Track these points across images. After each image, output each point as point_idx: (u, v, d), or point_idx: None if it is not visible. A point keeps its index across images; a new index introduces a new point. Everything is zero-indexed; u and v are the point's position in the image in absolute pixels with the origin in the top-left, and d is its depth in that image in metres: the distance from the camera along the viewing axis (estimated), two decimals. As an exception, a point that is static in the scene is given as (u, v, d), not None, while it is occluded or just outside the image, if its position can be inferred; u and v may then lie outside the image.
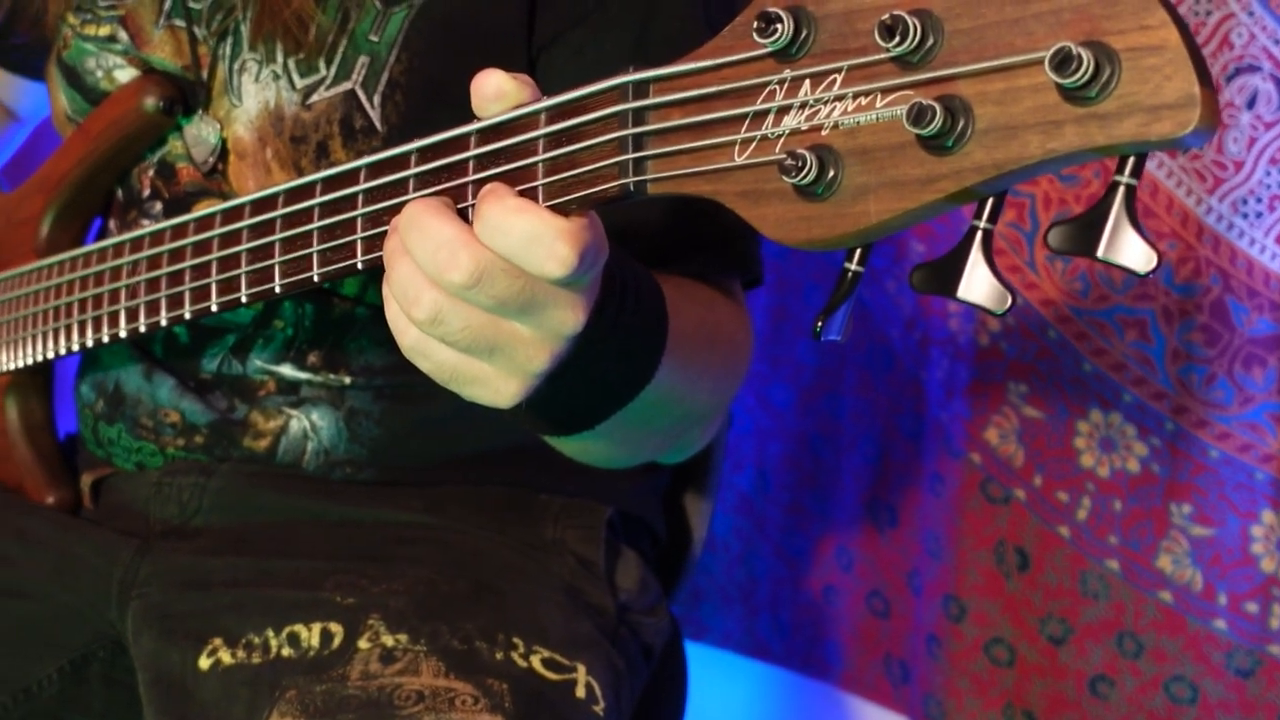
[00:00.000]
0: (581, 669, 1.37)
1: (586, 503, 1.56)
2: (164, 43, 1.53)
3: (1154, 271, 0.74)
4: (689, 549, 1.77)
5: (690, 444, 1.43)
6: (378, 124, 1.42)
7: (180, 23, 1.52)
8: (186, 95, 1.51)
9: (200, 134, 1.50)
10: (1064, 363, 1.97)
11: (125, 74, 1.56)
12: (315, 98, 1.44)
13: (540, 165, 0.95)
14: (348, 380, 1.52)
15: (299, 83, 1.45)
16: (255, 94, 1.47)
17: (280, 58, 1.46)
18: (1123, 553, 1.95)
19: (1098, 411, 1.96)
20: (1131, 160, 0.75)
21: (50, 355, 1.54)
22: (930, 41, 0.77)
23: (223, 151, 1.50)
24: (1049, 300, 1.97)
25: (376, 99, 1.42)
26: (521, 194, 0.96)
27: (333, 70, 1.44)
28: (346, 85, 1.43)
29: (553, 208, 0.95)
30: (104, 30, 1.56)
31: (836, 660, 2.31)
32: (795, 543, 2.36)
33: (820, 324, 0.86)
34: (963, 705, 2.12)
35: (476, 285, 0.94)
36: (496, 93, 0.99)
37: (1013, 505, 2.05)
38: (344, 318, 1.51)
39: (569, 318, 0.98)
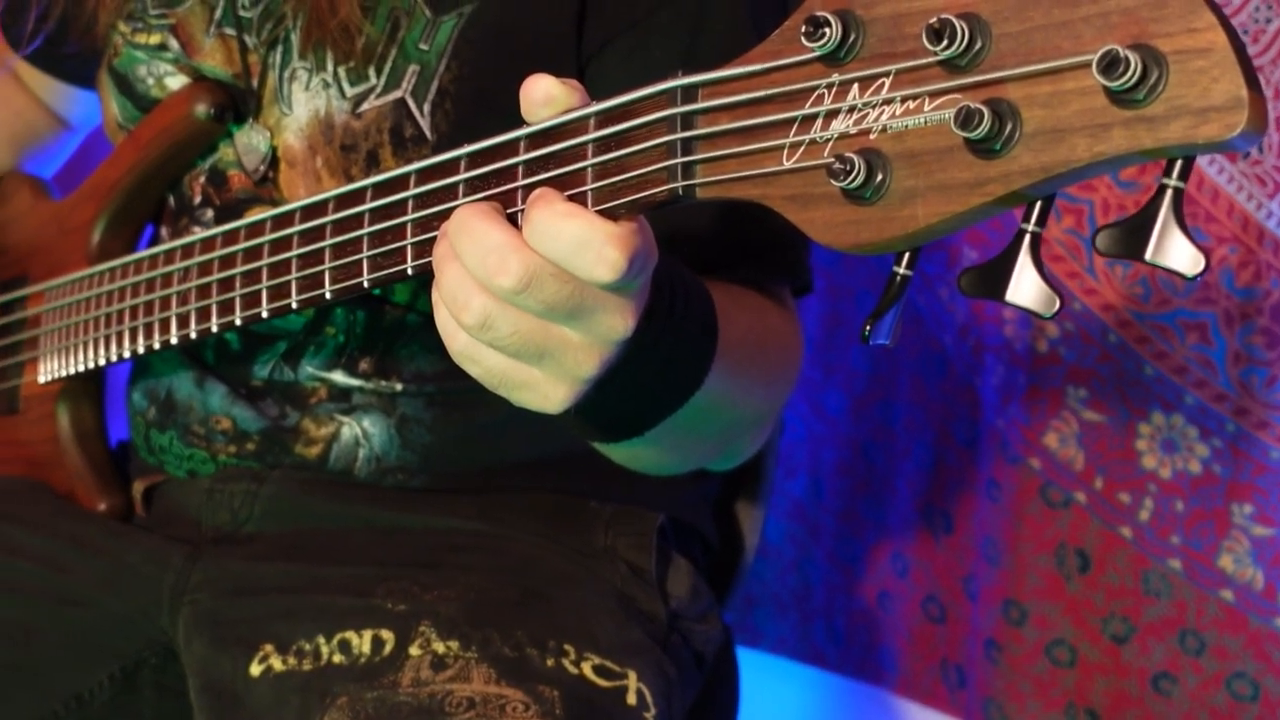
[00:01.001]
0: (632, 676, 1.37)
1: (638, 510, 1.57)
2: (214, 51, 1.55)
3: (1201, 274, 0.75)
4: (741, 556, 1.78)
5: (740, 451, 1.43)
6: (427, 132, 1.44)
7: (231, 31, 1.54)
8: (237, 102, 1.53)
9: (250, 142, 1.52)
10: (1125, 366, 1.98)
11: (176, 81, 1.57)
12: (365, 106, 1.46)
13: (589, 170, 0.96)
14: (399, 387, 1.53)
15: (349, 91, 1.47)
16: (305, 102, 1.49)
17: (330, 66, 1.47)
18: (1185, 552, 1.97)
19: (1159, 414, 1.97)
20: (1179, 163, 0.76)
21: (101, 362, 1.56)
22: (978, 45, 0.78)
23: (273, 160, 1.51)
24: (1109, 305, 1.98)
25: (426, 107, 1.44)
26: (571, 199, 0.97)
27: (382, 79, 1.45)
28: (396, 94, 1.45)
29: (602, 212, 0.96)
30: (155, 38, 1.58)
31: (891, 666, 2.32)
32: (849, 549, 2.37)
33: (869, 328, 0.87)
34: (1024, 707, 2.14)
35: (526, 290, 0.95)
36: (545, 98, 1.00)
37: (1073, 508, 2.06)
38: (395, 324, 1.53)
39: (618, 323, 0.99)
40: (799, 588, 2.43)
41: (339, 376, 1.54)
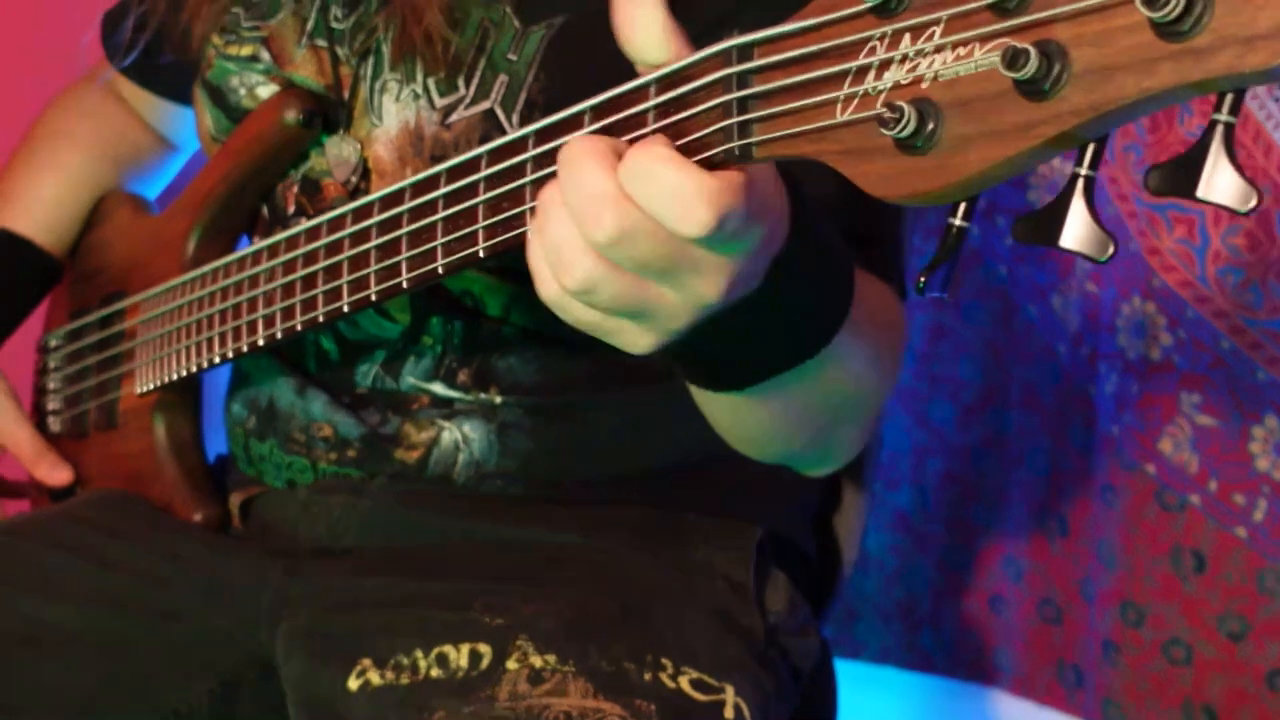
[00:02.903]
0: (730, 690, 1.37)
1: (736, 524, 1.57)
2: (306, 62, 1.58)
3: (1254, 209, 0.75)
4: (839, 571, 1.78)
5: (840, 448, 1.41)
6: None
7: (322, 42, 1.57)
8: (327, 111, 1.56)
9: (341, 154, 1.55)
10: (1238, 372, 1.99)
11: (267, 92, 1.61)
12: (454, 117, 1.48)
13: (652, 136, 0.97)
14: (498, 399, 1.55)
15: (438, 102, 1.49)
16: (396, 113, 1.52)
17: (420, 77, 1.50)
18: (1300, 551, 2.00)
19: (1272, 417, 1.98)
20: (1230, 97, 0.76)
21: (193, 369, 1.59)
22: None
23: (364, 171, 1.54)
24: (1221, 312, 2.00)
25: (515, 118, 1.46)
26: None
27: (471, 89, 1.48)
28: (485, 104, 1.47)
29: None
30: (247, 50, 1.62)
31: (1006, 666, 2.36)
32: (957, 556, 2.40)
33: (924, 279, 0.88)
34: (1143, 706, 2.15)
35: (618, 245, 0.93)
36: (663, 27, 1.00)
37: (1188, 511, 2.08)
38: (491, 336, 1.55)
39: (709, 289, 0.97)
40: (904, 598, 2.45)
41: (439, 387, 1.56)
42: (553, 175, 0.98)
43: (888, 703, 2.50)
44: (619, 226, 0.93)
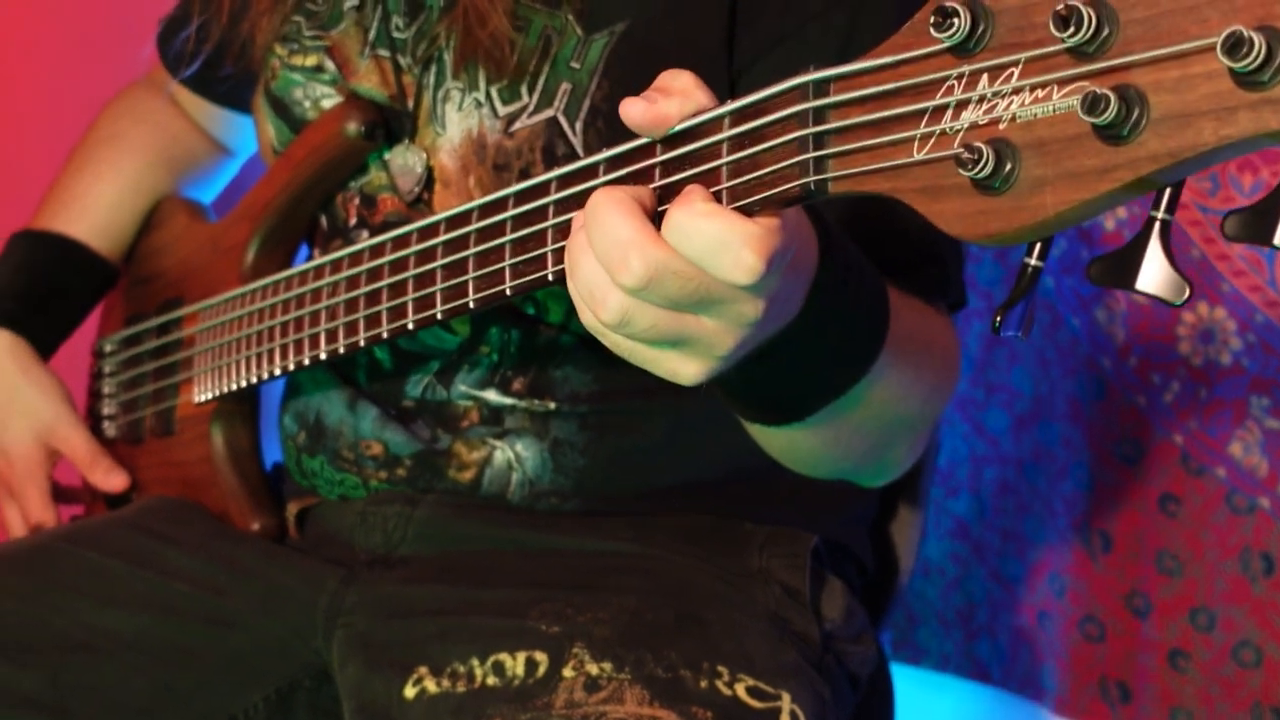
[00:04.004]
0: (786, 697, 1.38)
1: (792, 531, 1.59)
2: (369, 72, 1.60)
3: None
4: (896, 578, 1.80)
5: (894, 462, 1.43)
6: (580, 150, 1.47)
7: (385, 52, 1.58)
8: (391, 124, 1.57)
9: (406, 163, 1.57)
10: (1308, 375, 2.03)
11: (332, 103, 1.62)
12: (518, 125, 1.50)
13: (724, 168, 0.99)
14: (552, 406, 1.56)
15: (501, 110, 1.51)
16: (458, 122, 1.53)
17: (483, 85, 1.51)
18: (1367, 551, 2.03)
19: (1343, 420, 2.02)
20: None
21: (253, 380, 1.61)
22: (1105, 31, 0.80)
23: (428, 180, 1.56)
24: (1291, 317, 2.04)
25: (578, 125, 1.47)
26: None
27: (535, 97, 1.49)
28: (549, 112, 1.49)
29: (738, 209, 0.98)
30: (311, 60, 1.64)
31: (1050, 685, 2.37)
32: (1011, 568, 2.42)
33: (999, 319, 0.90)
34: (1214, 711, 2.18)
35: (646, 289, 0.97)
36: (683, 89, 1.02)
37: (1257, 514, 2.11)
38: (549, 345, 1.56)
39: (749, 310, 1.00)
40: (963, 606, 2.48)
41: (492, 395, 1.57)
42: None
43: (945, 712, 2.52)
44: (646, 273, 0.96)
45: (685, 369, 1.04)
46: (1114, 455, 2.25)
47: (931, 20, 0.86)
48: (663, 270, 0.96)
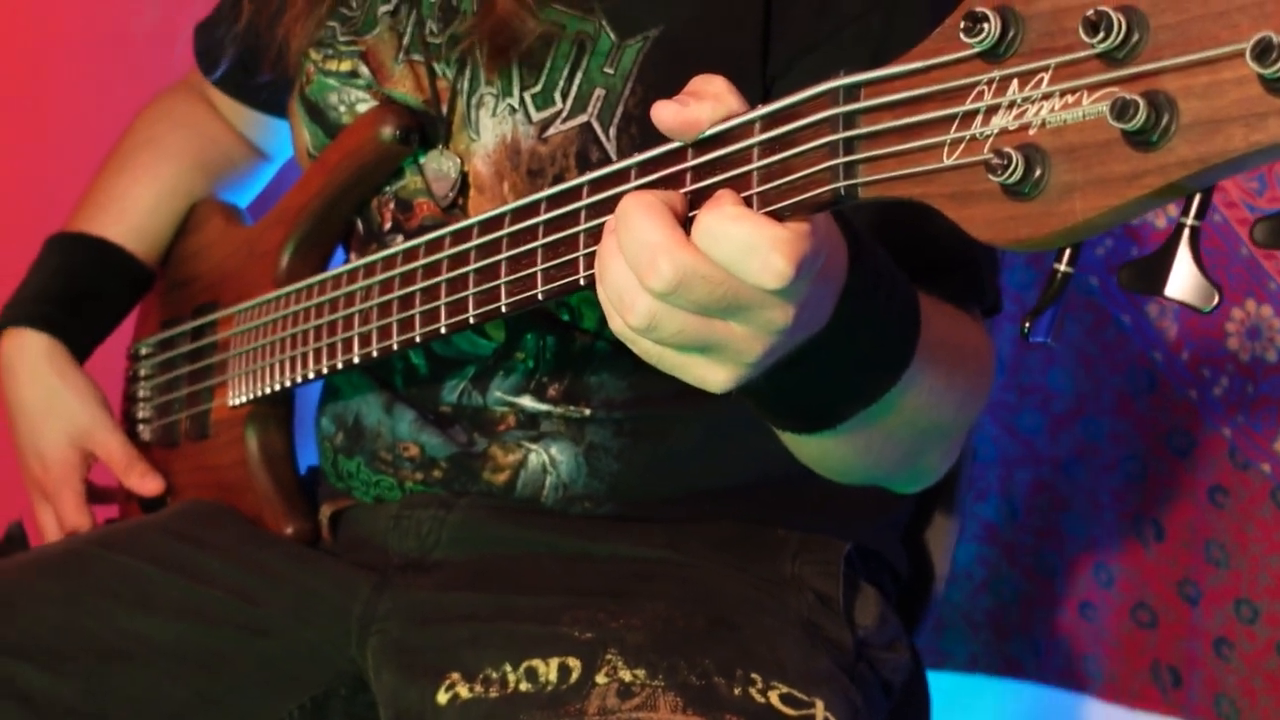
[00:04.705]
0: (820, 704, 1.38)
1: (825, 538, 1.59)
2: (404, 78, 1.61)
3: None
4: (931, 585, 1.80)
5: (928, 469, 1.44)
6: (613, 156, 1.46)
7: (419, 57, 1.59)
8: (425, 128, 1.58)
9: (441, 169, 1.57)
10: (1356, 373, 2.05)
11: (367, 108, 1.63)
12: (551, 131, 1.51)
13: (755, 173, 1.00)
14: (587, 412, 1.57)
15: (535, 116, 1.52)
16: (492, 128, 1.54)
17: (516, 91, 1.52)
18: None
19: (1390, 419, 2.03)
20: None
21: (287, 384, 1.62)
22: (1135, 37, 0.80)
23: (463, 185, 1.56)
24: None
25: (612, 131, 1.48)
26: None
27: (568, 103, 1.50)
28: (582, 118, 1.50)
29: (768, 214, 0.98)
30: (345, 65, 1.65)
31: (1096, 673, 2.40)
32: (1048, 564, 2.45)
33: (1028, 325, 0.90)
34: (1257, 702, 2.21)
35: (674, 293, 0.97)
36: (715, 95, 1.03)
37: (1301, 512, 2.14)
38: (584, 351, 1.57)
39: (778, 316, 1.00)
40: (992, 607, 2.50)
41: (528, 401, 1.58)
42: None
43: (981, 716, 2.53)
44: (675, 276, 0.97)
45: (714, 375, 1.05)
46: (1166, 447, 2.28)
47: (962, 25, 0.87)
48: (691, 274, 0.97)
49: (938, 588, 1.80)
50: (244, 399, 1.71)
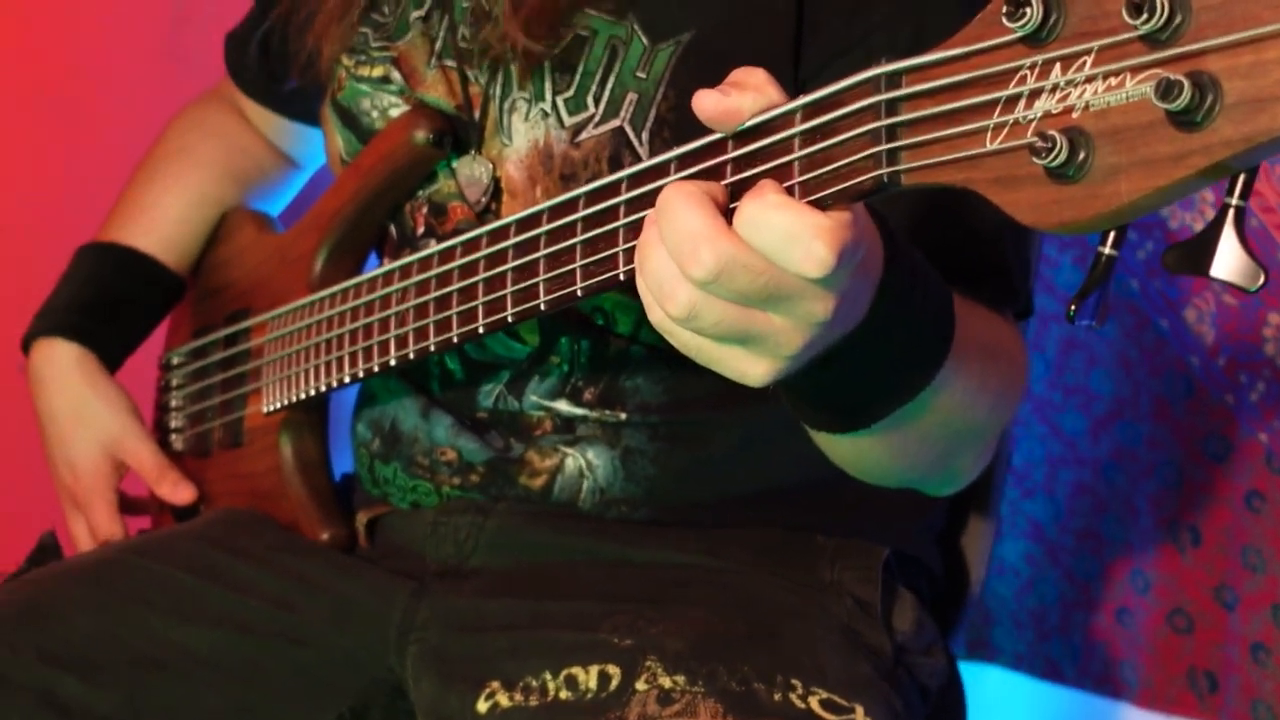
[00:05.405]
0: (860, 710, 1.38)
1: (863, 544, 1.60)
2: (436, 83, 1.62)
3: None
4: (967, 589, 1.80)
5: (961, 471, 1.44)
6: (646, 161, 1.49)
7: (451, 63, 1.60)
8: (458, 133, 1.58)
9: (473, 174, 1.58)
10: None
11: (399, 113, 1.64)
12: (584, 135, 1.52)
13: (797, 163, 1.00)
14: (623, 416, 1.58)
15: (568, 120, 1.52)
16: (525, 133, 1.55)
17: (549, 96, 1.53)
18: None
19: None
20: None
21: (322, 389, 1.63)
22: (1178, 19, 0.81)
23: (495, 190, 1.57)
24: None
25: (644, 135, 1.49)
26: None
27: (601, 108, 1.51)
28: (615, 122, 1.50)
29: (811, 204, 0.99)
30: (378, 71, 1.66)
31: (1133, 679, 2.41)
32: (1087, 567, 2.46)
33: (1074, 308, 0.91)
34: None
35: (716, 281, 0.98)
36: (757, 84, 1.04)
37: (1338, 515, 2.15)
38: (619, 355, 1.58)
39: (818, 307, 1.01)
40: (1035, 607, 2.51)
41: (563, 406, 1.59)
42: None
43: (1019, 713, 2.54)
44: (716, 264, 0.97)
45: (753, 369, 1.05)
46: (1203, 452, 2.29)
47: (1004, 10, 0.87)
48: (733, 263, 0.97)
49: (974, 592, 1.81)
50: (278, 405, 1.72)
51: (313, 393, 1.66)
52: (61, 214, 2.35)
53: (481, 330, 1.37)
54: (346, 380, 1.60)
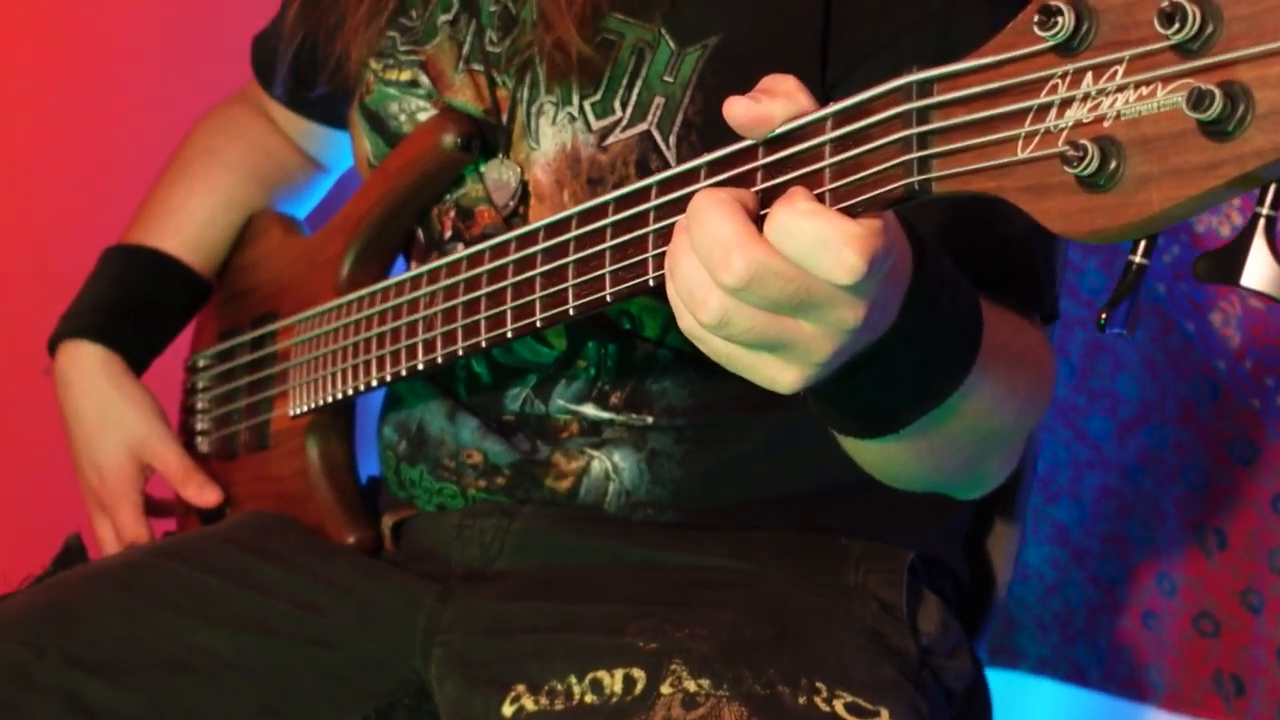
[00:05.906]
0: (885, 713, 1.39)
1: (888, 547, 1.60)
2: (464, 87, 1.63)
3: None
4: (993, 592, 1.81)
5: (988, 476, 1.44)
6: (673, 164, 1.45)
7: (479, 67, 1.61)
8: (486, 137, 1.59)
9: (501, 178, 1.59)
10: None
11: (427, 117, 1.65)
12: (611, 139, 1.52)
13: (827, 170, 1.01)
14: (650, 420, 1.59)
15: (595, 124, 1.53)
16: (552, 136, 1.56)
17: (576, 100, 1.54)
18: None
19: None
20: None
21: (349, 392, 1.64)
22: (1210, 28, 0.82)
23: (523, 194, 1.58)
24: None
25: (671, 139, 1.50)
26: None
27: (628, 111, 1.52)
28: (642, 126, 1.51)
29: (841, 211, 0.99)
30: (405, 75, 1.67)
31: (1158, 682, 2.42)
32: (1112, 571, 2.47)
33: (1105, 316, 0.92)
34: None
35: (747, 289, 0.98)
36: (787, 92, 1.05)
37: (1361, 523, 2.15)
38: (646, 359, 1.58)
39: (848, 315, 1.01)
40: (1060, 610, 2.52)
41: (590, 409, 1.60)
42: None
43: (1043, 715, 2.54)
44: (748, 271, 0.98)
45: (783, 376, 1.05)
46: (1229, 456, 2.30)
47: (1035, 19, 0.88)
48: (764, 269, 0.98)
49: (999, 595, 1.81)
50: (305, 409, 1.73)
51: (339, 396, 1.66)
52: (87, 216, 2.36)
53: (510, 335, 1.37)
54: (374, 384, 1.60)
